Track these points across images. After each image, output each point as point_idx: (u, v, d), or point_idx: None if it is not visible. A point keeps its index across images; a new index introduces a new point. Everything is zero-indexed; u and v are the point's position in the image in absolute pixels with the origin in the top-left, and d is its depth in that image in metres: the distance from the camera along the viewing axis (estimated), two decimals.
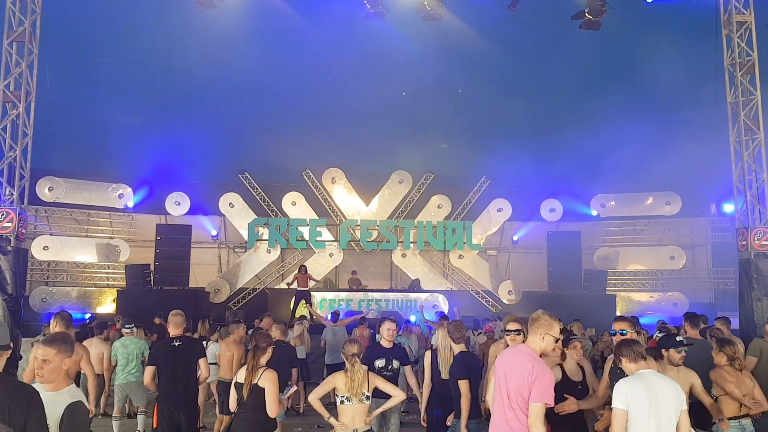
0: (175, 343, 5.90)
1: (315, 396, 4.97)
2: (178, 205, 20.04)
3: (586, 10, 14.15)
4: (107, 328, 9.77)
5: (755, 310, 10.69)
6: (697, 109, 15.60)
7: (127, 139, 18.84)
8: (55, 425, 3.20)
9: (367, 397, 4.85)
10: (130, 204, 20.40)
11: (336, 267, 20.89)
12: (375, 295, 18.29)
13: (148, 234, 19.51)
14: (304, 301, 15.45)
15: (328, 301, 17.85)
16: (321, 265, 20.12)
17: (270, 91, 19.85)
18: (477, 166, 20.95)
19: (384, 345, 6.16)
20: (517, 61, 19.60)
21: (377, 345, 6.17)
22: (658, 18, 16.81)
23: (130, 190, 20.28)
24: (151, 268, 17.85)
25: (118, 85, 18.82)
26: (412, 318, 15.11)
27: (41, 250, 18.74)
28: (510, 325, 5.17)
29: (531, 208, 21.00)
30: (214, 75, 18.99)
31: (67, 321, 6.27)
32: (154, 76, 18.93)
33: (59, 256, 19.37)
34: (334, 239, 20.36)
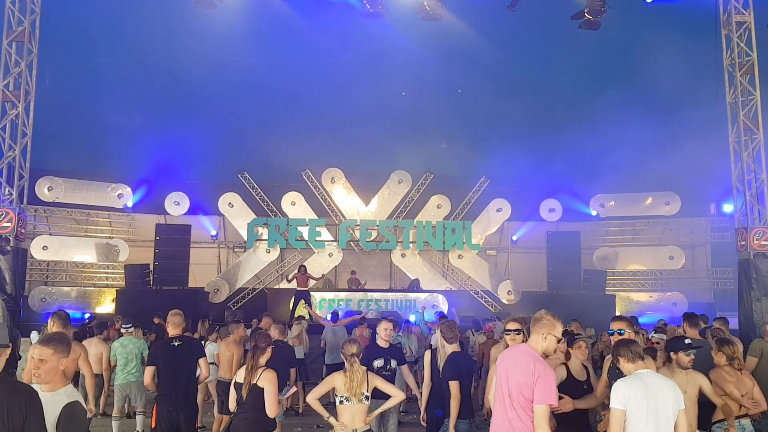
0: (175, 343, 5.88)
1: (313, 396, 4.97)
2: (177, 205, 20.02)
3: (585, 10, 14.15)
4: (107, 328, 9.76)
5: (754, 310, 10.69)
6: (696, 109, 15.62)
7: (126, 139, 18.85)
8: (52, 426, 3.19)
9: (366, 397, 4.85)
10: (130, 204, 20.38)
11: (335, 267, 20.89)
12: (374, 295, 18.30)
13: (147, 234, 19.50)
14: (303, 301, 15.45)
15: (327, 301, 17.87)
16: (320, 265, 20.11)
17: (270, 91, 19.84)
18: (476, 166, 20.95)
19: (381, 345, 6.18)
20: (517, 61, 19.60)
21: (374, 345, 6.17)
22: (657, 18, 16.81)
23: (129, 189, 20.27)
24: (151, 268, 17.87)
25: (118, 85, 18.79)
26: (411, 318, 15.12)
27: (40, 249, 18.72)
28: (510, 324, 5.17)
29: (530, 208, 21.00)
30: (214, 75, 18.98)
31: (64, 320, 6.24)
32: (154, 76, 18.91)
33: (58, 255, 19.36)
34: (333, 239, 20.36)
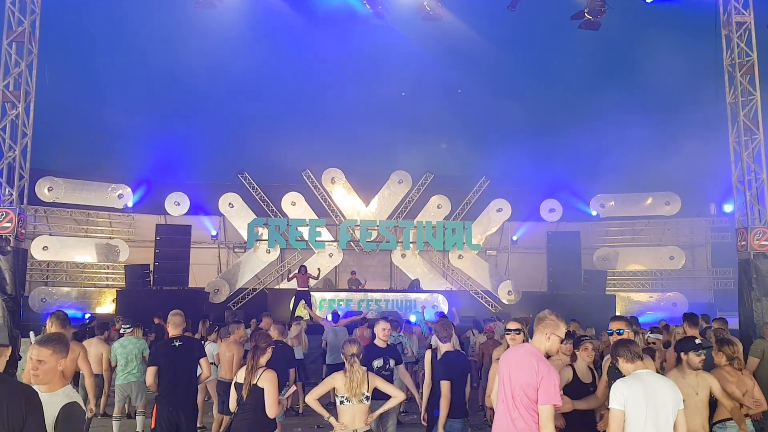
0: (176, 343, 5.88)
1: (312, 396, 4.97)
2: (177, 205, 20.02)
3: (585, 11, 14.15)
4: (108, 329, 9.74)
5: (755, 311, 10.67)
6: (696, 110, 15.60)
7: (126, 139, 18.87)
8: (51, 426, 3.19)
9: (366, 397, 4.84)
10: (130, 204, 20.38)
11: (336, 267, 20.89)
12: (374, 296, 18.31)
13: (147, 234, 19.50)
14: (303, 302, 15.44)
15: (327, 302, 17.87)
16: (320, 265, 20.07)
17: (269, 91, 19.84)
18: (476, 166, 20.95)
19: (379, 345, 6.19)
20: (517, 61, 19.59)
21: (373, 345, 6.18)
22: (657, 18, 16.82)
23: (129, 190, 20.26)
24: (151, 268, 17.87)
25: (118, 85, 18.79)
26: (412, 318, 15.12)
27: (41, 250, 18.72)
28: (510, 324, 5.19)
29: (530, 208, 21.00)
30: (214, 75, 18.98)
31: (62, 321, 6.22)
32: (154, 76, 18.89)
33: (59, 256, 19.35)
34: (333, 239, 20.36)
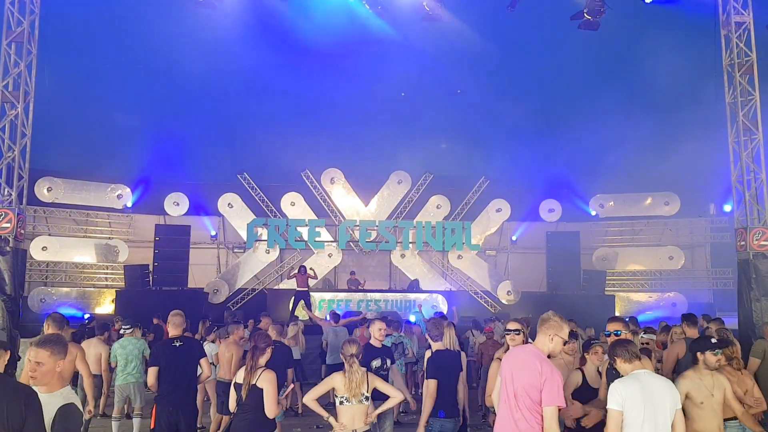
0: (176, 344, 5.88)
1: (311, 396, 4.97)
2: (176, 206, 20.01)
3: (584, 11, 14.15)
4: (108, 329, 9.74)
5: (754, 311, 10.66)
6: (695, 110, 15.60)
7: (125, 140, 18.84)
8: (48, 427, 3.20)
9: (366, 397, 4.85)
10: (129, 204, 20.36)
11: (335, 267, 20.88)
12: (374, 296, 18.32)
13: (146, 234, 19.49)
14: (303, 302, 15.44)
15: (327, 302, 17.87)
16: (320, 265, 20.10)
17: (269, 91, 19.84)
18: (476, 167, 20.94)
19: (376, 345, 6.22)
20: (517, 61, 19.58)
21: (370, 345, 6.18)
22: (656, 18, 16.82)
23: (128, 190, 20.25)
24: (150, 268, 17.86)
25: (117, 86, 18.77)
26: (411, 318, 15.11)
27: (40, 250, 18.71)
28: (510, 325, 5.18)
29: (530, 208, 21.00)
30: (213, 75, 18.95)
31: (59, 322, 6.21)
32: (153, 76, 18.86)
33: (58, 256, 19.34)
34: (333, 239, 20.35)
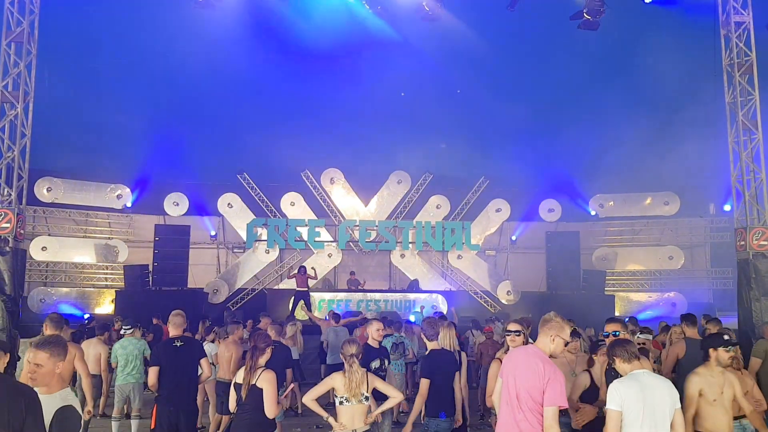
0: (177, 344, 5.88)
1: (310, 396, 4.96)
2: (176, 206, 19.99)
3: (584, 11, 14.16)
4: (108, 330, 9.73)
5: (753, 311, 10.67)
6: (695, 110, 15.60)
7: (125, 140, 18.82)
8: (47, 428, 3.20)
9: (366, 397, 4.85)
10: (129, 204, 20.34)
11: (335, 267, 20.87)
12: (374, 296, 18.31)
13: (146, 234, 19.49)
14: (303, 302, 15.43)
15: (326, 302, 17.86)
16: (320, 265, 20.08)
17: (268, 91, 19.82)
18: (476, 167, 20.91)
19: (374, 345, 6.18)
20: (516, 61, 19.57)
21: (368, 346, 6.14)
22: (656, 18, 16.82)
23: (128, 190, 20.23)
24: (150, 268, 17.85)
25: (117, 86, 18.76)
26: (412, 318, 15.12)
27: (39, 250, 18.70)
28: (510, 326, 5.15)
29: (530, 208, 21.00)
30: (213, 75, 18.94)
31: (57, 323, 6.20)
32: (153, 77, 18.86)
33: (57, 256, 19.33)
34: (332, 240, 20.34)
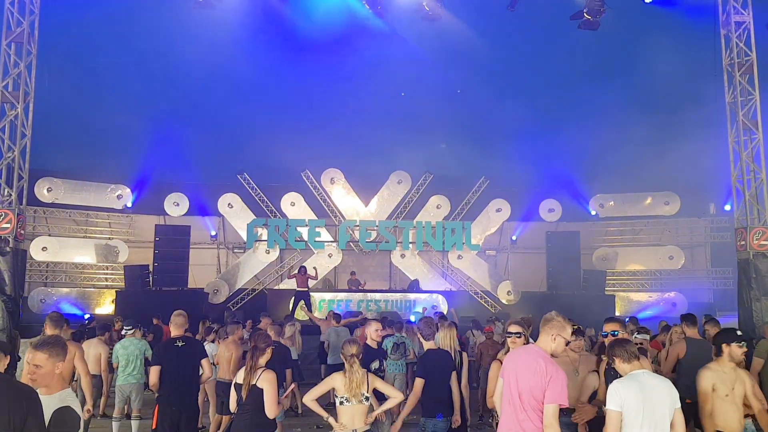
0: (179, 344, 5.89)
1: (310, 397, 4.97)
2: (176, 206, 19.99)
3: (584, 10, 14.18)
4: (109, 330, 9.73)
5: (754, 310, 10.68)
6: (695, 109, 15.60)
7: (125, 140, 18.85)
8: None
9: (366, 397, 4.85)
10: (129, 204, 20.35)
11: (335, 267, 20.87)
12: (374, 296, 18.31)
13: (146, 235, 19.49)
14: (303, 302, 15.43)
15: (327, 302, 17.86)
16: (320, 265, 20.04)
17: (268, 91, 19.83)
18: (476, 167, 20.92)
19: (372, 346, 6.15)
20: (516, 60, 19.60)
21: (366, 346, 6.11)
22: (656, 18, 16.83)
23: (128, 190, 20.23)
24: (150, 269, 17.85)
25: (117, 86, 18.78)
26: (413, 318, 15.11)
27: (40, 251, 18.70)
28: (511, 327, 5.12)
29: (530, 208, 21.00)
30: (213, 76, 18.98)
31: (56, 322, 6.19)
32: (153, 77, 18.90)
33: (58, 257, 19.33)
34: (333, 240, 20.33)
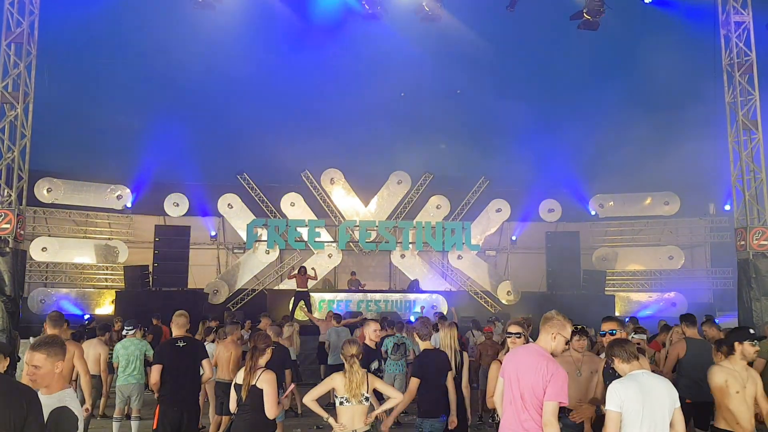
0: (180, 344, 5.90)
1: (310, 397, 4.96)
2: (176, 206, 19.98)
3: (584, 11, 14.19)
4: (110, 330, 9.73)
5: (754, 310, 10.69)
6: (695, 110, 15.61)
7: (125, 140, 18.84)
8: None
9: (366, 398, 4.84)
10: (129, 205, 20.33)
11: (335, 268, 20.86)
12: (374, 296, 18.31)
13: (146, 235, 19.48)
14: (303, 302, 15.43)
15: (327, 302, 17.86)
16: (320, 265, 20.07)
17: (268, 91, 19.81)
18: (476, 167, 20.91)
19: (371, 346, 6.15)
20: (516, 61, 19.59)
21: (365, 346, 6.10)
22: (656, 18, 16.82)
23: (128, 191, 20.23)
24: (150, 269, 17.86)
25: (117, 86, 18.77)
26: (413, 318, 15.11)
27: (40, 251, 18.70)
28: (511, 327, 5.12)
29: (530, 208, 20.98)
30: (213, 76, 18.94)
31: (55, 321, 6.19)
32: (153, 77, 18.86)
33: (58, 257, 19.33)
34: (332, 240, 20.32)
